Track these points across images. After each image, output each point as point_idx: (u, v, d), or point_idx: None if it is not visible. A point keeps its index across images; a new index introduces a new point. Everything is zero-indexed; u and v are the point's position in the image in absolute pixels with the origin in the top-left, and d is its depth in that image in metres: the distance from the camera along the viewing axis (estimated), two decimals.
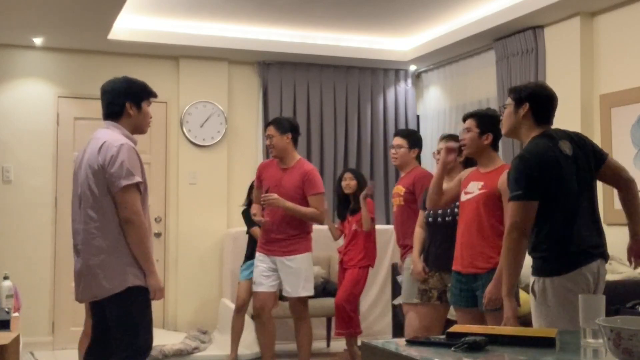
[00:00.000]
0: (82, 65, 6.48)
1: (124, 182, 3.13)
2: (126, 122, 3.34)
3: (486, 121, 3.76)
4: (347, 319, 5.50)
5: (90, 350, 3.43)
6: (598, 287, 3.06)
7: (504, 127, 3.26)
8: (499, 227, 3.62)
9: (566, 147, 3.09)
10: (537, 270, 3.05)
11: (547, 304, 2.98)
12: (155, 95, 3.45)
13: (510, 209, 3.03)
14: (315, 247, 6.45)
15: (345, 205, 5.74)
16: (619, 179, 3.26)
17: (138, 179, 3.17)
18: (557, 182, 3.00)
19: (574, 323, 1.84)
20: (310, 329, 5.06)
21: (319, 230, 6.62)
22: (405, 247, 4.70)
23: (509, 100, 3.21)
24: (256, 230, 5.65)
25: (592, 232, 3.12)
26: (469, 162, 4.26)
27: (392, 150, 4.79)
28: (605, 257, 3.16)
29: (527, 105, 3.12)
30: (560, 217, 3.00)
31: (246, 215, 5.76)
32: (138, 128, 3.39)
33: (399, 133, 4.93)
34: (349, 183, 5.68)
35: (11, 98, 6.32)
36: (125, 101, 3.33)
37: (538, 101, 3.15)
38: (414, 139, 4.82)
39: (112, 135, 3.24)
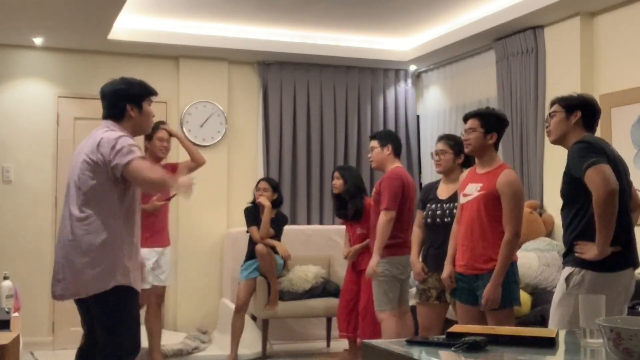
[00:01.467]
0: (82, 65, 6.48)
1: (128, 158, 3.09)
2: (127, 123, 3.30)
3: (491, 121, 3.76)
4: (373, 325, 5.14)
5: (82, 350, 3.43)
6: (628, 293, 3.08)
7: (553, 134, 3.33)
8: (499, 228, 3.62)
9: (614, 150, 3.23)
10: (579, 262, 3.04)
11: (576, 297, 2.98)
12: (155, 94, 3.41)
13: (592, 179, 2.98)
14: (315, 247, 6.48)
15: (340, 204, 5.60)
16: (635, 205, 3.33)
17: (139, 153, 3.15)
18: (616, 174, 3.04)
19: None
20: None
21: (319, 230, 6.64)
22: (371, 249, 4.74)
23: (557, 108, 3.28)
24: (254, 230, 5.66)
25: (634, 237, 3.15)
26: (466, 164, 4.27)
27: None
28: (637, 264, 3.17)
29: (579, 113, 3.23)
30: (619, 213, 3.01)
31: (247, 213, 5.77)
32: (140, 129, 3.36)
33: (370, 136, 4.96)
34: (335, 182, 5.57)
35: (11, 98, 6.32)
36: (126, 104, 3.29)
37: (589, 109, 3.28)
38: (385, 137, 4.81)
39: (110, 133, 3.20)
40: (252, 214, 5.75)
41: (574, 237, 3.09)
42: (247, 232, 5.75)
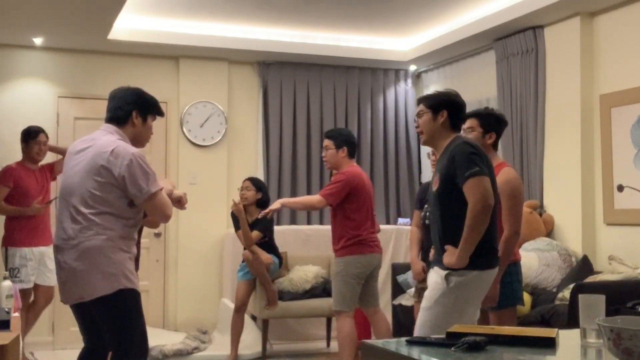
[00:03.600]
0: (82, 65, 6.49)
1: (153, 189, 3.11)
2: (129, 130, 3.26)
3: (489, 121, 3.77)
4: (361, 325, 5.27)
5: (84, 357, 3.37)
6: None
7: (423, 135, 3.34)
8: (500, 226, 3.63)
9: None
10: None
11: (456, 295, 3.02)
12: (162, 115, 3.43)
13: (472, 190, 3.00)
14: (315, 247, 6.48)
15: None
16: None
17: (160, 184, 3.19)
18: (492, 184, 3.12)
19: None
20: None
21: (319, 230, 6.64)
22: (334, 251, 4.73)
23: (422, 108, 3.30)
24: (241, 234, 5.64)
25: None
26: None
27: (322, 153, 4.80)
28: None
29: (445, 113, 3.21)
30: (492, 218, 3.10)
31: (233, 216, 5.76)
32: (138, 140, 3.31)
33: (325, 134, 4.94)
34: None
35: (11, 98, 6.32)
36: (132, 109, 3.26)
37: (455, 108, 3.28)
38: (340, 139, 4.78)
39: (118, 142, 3.16)
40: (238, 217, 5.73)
41: (449, 240, 3.08)
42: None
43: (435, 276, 3.13)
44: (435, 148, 3.28)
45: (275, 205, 4.69)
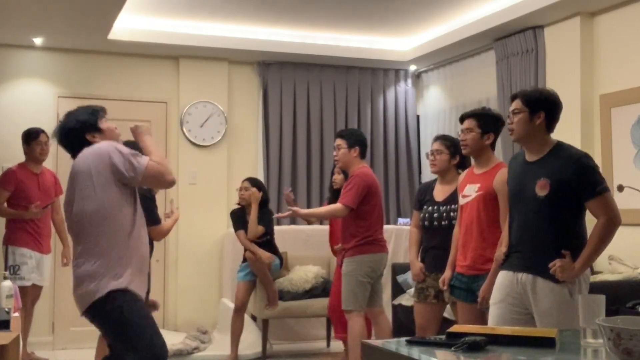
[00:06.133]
0: (82, 65, 6.48)
1: (143, 165, 3.04)
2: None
3: (487, 121, 3.77)
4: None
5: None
6: None
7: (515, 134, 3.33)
8: (498, 227, 3.63)
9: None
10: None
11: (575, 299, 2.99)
12: (104, 111, 3.25)
13: (603, 204, 3.03)
14: (315, 247, 6.48)
15: (336, 200, 5.56)
16: None
17: (146, 159, 3.08)
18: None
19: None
20: None
21: (319, 230, 6.63)
22: (344, 250, 4.73)
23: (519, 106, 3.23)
24: (241, 234, 5.65)
25: None
26: (461, 165, 4.27)
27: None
28: None
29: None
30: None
31: (233, 216, 5.77)
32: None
33: (337, 134, 4.92)
34: (335, 178, 5.51)
35: (11, 98, 6.32)
36: (84, 135, 3.15)
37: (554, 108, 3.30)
38: (353, 138, 4.78)
39: (95, 147, 3.09)
40: (239, 217, 5.74)
41: (562, 246, 3.07)
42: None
43: (544, 289, 3.05)
44: (527, 148, 3.21)
45: (286, 212, 4.71)
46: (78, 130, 3.14)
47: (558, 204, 3.05)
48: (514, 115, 3.19)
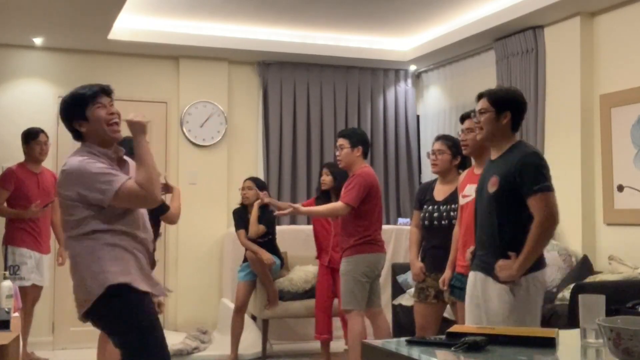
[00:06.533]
0: (82, 65, 6.48)
1: (115, 187, 2.79)
2: (89, 139, 2.93)
3: None
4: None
5: None
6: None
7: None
8: None
9: None
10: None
11: (528, 299, 3.02)
12: (96, 93, 2.92)
13: (540, 202, 3.00)
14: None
15: (324, 201, 5.41)
16: None
17: (119, 180, 2.82)
18: None
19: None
20: None
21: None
22: (343, 250, 4.73)
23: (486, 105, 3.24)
24: (241, 233, 5.65)
25: None
26: (462, 166, 4.27)
27: (337, 152, 4.78)
28: None
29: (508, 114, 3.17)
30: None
31: (235, 215, 5.77)
32: (102, 138, 2.92)
33: (340, 134, 4.91)
34: (324, 179, 5.48)
35: (11, 98, 6.32)
36: (72, 122, 2.92)
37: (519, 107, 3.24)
38: (355, 138, 4.77)
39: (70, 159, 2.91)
40: (240, 216, 5.73)
41: (505, 243, 3.07)
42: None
43: (491, 289, 3.08)
44: (492, 147, 3.24)
45: (287, 209, 4.67)
46: (65, 119, 2.95)
47: (505, 201, 3.06)
48: (480, 115, 3.21)
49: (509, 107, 3.17)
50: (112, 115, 2.92)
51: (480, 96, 3.28)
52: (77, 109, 2.91)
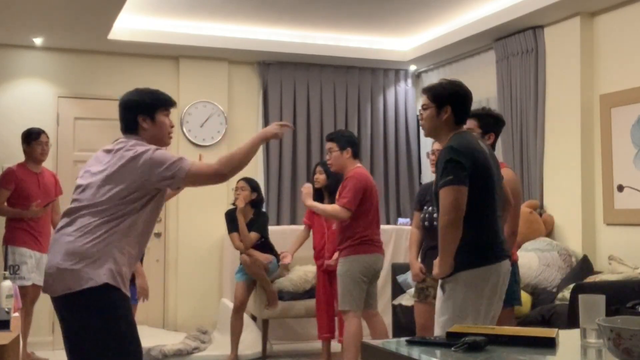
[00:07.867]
0: (82, 65, 6.49)
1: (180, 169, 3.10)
2: (143, 135, 3.08)
3: (488, 122, 3.77)
4: None
5: None
6: (503, 287, 3.08)
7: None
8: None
9: (484, 144, 3.19)
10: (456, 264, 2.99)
11: (454, 297, 2.97)
12: (171, 104, 3.17)
13: (441, 197, 2.98)
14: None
15: (319, 199, 5.31)
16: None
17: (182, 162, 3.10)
18: (487, 171, 3.04)
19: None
20: None
21: None
22: (339, 251, 4.73)
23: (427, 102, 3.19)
24: (234, 237, 5.64)
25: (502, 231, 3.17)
26: None
27: (327, 156, 4.81)
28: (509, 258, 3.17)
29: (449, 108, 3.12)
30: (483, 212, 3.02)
31: (227, 217, 5.75)
32: (156, 140, 3.11)
33: (327, 137, 4.89)
34: (317, 177, 5.42)
35: (11, 98, 6.32)
36: (137, 115, 3.08)
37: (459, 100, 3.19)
38: (343, 140, 4.75)
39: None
40: (232, 218, 5.69)
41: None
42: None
43: (440, 291, 3.10)
44: (439, 142, 3.25)
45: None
46: (131, 108, 3.08)
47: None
48: (423, 111, 3.20)
49: (448, 101, 3.13)
50: (172, 127, 3.23)
51: (422, 92, 3.28)
52: (149, 107, 3.10)
